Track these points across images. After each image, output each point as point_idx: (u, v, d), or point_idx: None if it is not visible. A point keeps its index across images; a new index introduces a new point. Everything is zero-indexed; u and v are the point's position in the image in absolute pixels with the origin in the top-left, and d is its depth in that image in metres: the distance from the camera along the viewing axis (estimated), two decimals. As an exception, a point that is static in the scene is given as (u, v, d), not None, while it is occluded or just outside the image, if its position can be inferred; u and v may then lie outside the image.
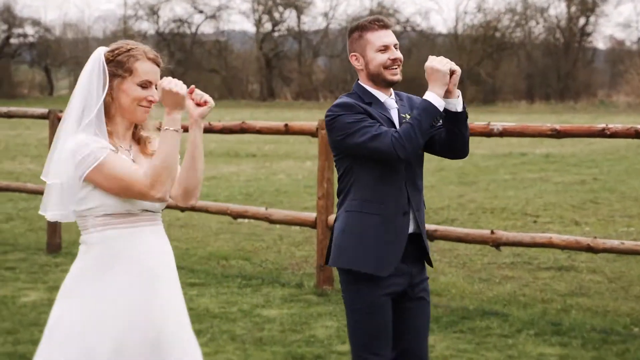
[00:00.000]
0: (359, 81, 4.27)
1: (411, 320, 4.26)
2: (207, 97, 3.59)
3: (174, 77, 3.56)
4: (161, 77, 3.57)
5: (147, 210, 3.55)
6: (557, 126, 7.34)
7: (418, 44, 64.65)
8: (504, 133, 7.52)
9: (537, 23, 66.81)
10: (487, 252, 9.91)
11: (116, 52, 3.54)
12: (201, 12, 69.40)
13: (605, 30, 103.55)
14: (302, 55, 68.81)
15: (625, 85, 59.37)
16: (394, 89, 4.30)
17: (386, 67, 4.16)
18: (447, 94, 4.07)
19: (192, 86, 3.61)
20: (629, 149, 23.51)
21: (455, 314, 7.45)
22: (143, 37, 68.97)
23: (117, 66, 3.51)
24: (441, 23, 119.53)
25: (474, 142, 22.25)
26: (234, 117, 31.81)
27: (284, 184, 16.90)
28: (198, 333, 6.82)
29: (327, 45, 68.66)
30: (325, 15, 69.57)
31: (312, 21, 72.49)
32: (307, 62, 68.00)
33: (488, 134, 7.55)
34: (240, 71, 67.39)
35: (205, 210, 9.53)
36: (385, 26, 4.20)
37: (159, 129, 3.57)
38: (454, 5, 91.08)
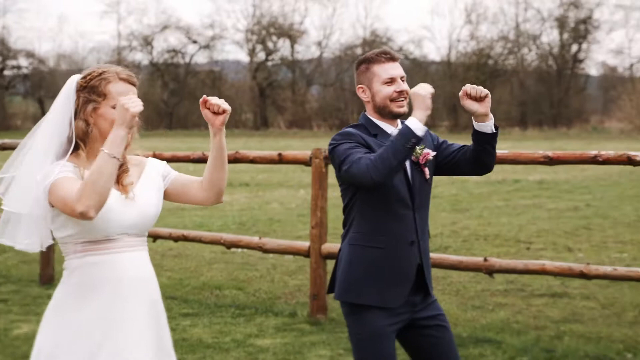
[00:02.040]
0: (365, 113, 4.26)
1: (433, 350, 4.24)
2: (224, 104, 3.55)
3: (167, 107, 3.55)
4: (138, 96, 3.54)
5: (127, 235, 3.51)
6: (550, 153, 7.35)
7: (411, 72, 64.92)
8: (496, 160, 7.51)
9: (530, 50, 67.24)
10: (481, 280, 9.91)
11: (88, 77, 3.51)
12: (195, 42, 69.77)
13: (598, 57, 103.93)
14: (296, 84, 69.09)
15: (617, 112, 59.69)
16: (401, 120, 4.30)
17: (392, 100, 4.17)
18: (483, 118, 4.13)
19: (204, 96, 3.58)
20: (622, 175, 23.59)
21: (449, 341, 7.42)
22: (137, 67, 69.19)
23: (91, 92, 3.49)
24: (434, 51, 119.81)
25: (466, 170, 21.85)
26: (228, 146, 31.74)
27: (277, 213, 16.91)
28: (191, 363, 6.81)
29: (320, 74, 68.97)
30: (319, 44, 69.98)
31: (306, 50, 72.82)
32: (301, 91, 68.26)
33: (479, 161, 7.56)
34: (234, 100, 67.55)
35: (199, 240, 9.53)
36: (392, 58, 4.21)
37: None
38: (447, 34, 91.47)
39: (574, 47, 66.71)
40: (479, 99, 4.10)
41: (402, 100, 4.17)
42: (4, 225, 3.59)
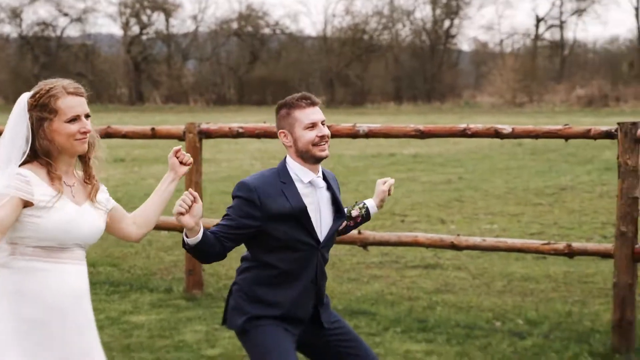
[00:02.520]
0: (287, 157, 4.28)
1: (341, 348, 4.38)
2: (190, 157, 4.07)
3: (38, 81, 3.67)
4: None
5: (78, 246, 3.63)
6: (421, 127, 7.49)
7: (288, 46, 64.91)
8: (369, 134, 7.63)
9: (404, 26, 68.11)
10: (356, 252, 10.04)
11: (37, 96, 3.60)
12: (66, 15, 68.05)
13: (469, 33, 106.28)
14: (171, 58, 68.25)
15: (489, 86, 61.15)
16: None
17: (315, 144, 4.21)
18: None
19: (179, 147, 4.00)
20: (492, 149, 24.22)
21: (325, 314, 7.50)
22: (5, 40, 67.15)
23: (42, 110, 3.58)
24: (310, 26, 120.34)
25: (343, 144, 22.34)
26: (102, 121, 31.16)
27: (153, 189, 16.60)
28: (64, 342, 6.70)
29: (196, 48, 68.28)
30: (194, 18, 69.25)
31: (181, 24, 72.05)
32: (177, 66, 67.47)
33: (354, 135, 7.64)
34: (108, 75, 66.32)
35: (71, 217, 9.33)
36: (312, 104, 4.25)
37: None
38: (322, 8, 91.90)
39: (446, 23, 67.94)
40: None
41: (324, 144, 4.23)
42: None
